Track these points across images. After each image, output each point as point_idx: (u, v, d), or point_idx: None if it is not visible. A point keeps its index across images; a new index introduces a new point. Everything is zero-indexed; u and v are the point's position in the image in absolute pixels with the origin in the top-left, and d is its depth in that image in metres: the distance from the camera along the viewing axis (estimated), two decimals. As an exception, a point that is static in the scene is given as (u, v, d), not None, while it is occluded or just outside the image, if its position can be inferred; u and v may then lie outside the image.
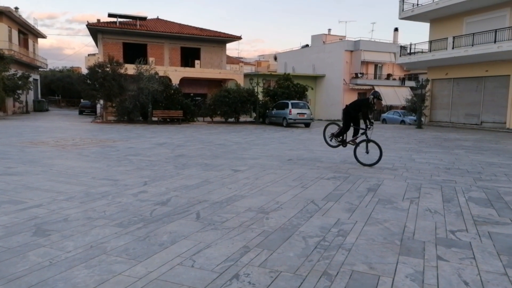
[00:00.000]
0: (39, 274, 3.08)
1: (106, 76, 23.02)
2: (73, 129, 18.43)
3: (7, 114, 29.96)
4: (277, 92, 27.30)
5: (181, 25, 32.62)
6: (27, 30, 37.34)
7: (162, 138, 14.61)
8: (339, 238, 4.04)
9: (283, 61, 46.06)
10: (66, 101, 53.20)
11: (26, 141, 12.62)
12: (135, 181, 6.70)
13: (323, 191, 6.23)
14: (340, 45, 39.10)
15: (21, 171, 7.40)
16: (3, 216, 4.55)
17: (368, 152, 8.67)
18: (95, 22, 28.58)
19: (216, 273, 3.18)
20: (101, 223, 4.38)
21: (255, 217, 4.77)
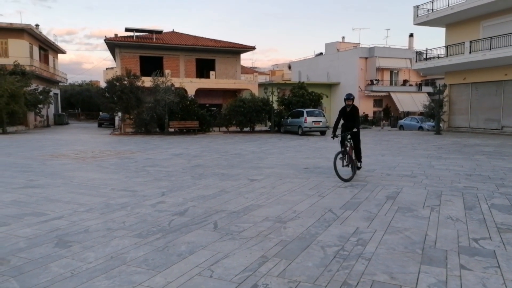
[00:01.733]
0: (61, 285, 3.13)
1: (124, 89, 23.47)
2: (92, 142, 18.80)
3: (28, 128, 30.81)
4: (292, 101, 27.31)
5: (196, 37, 33.11)
6: (47, 46, 38.50)
7: (179, 149, 14.76)
8: (359, 247, 3.99)
9: (297, 69, 46.13)
10: (86, 114, 54.42)
11: (47, 154, 12.94)
12: (153, 192, 6.77)
13: (341, 199, 6.17)
14: (355, 52, 38.96)
15: (42, 183, 7.58)
16: (26, 228, 4.66)
17: (348, 165, 7.99)
18: (113, 37, 29.28)
19: (234, 283, 3.17)
20: (120, 234, 4.44)
21: (272, 226, 4.76)
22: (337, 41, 42.96)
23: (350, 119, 8.27)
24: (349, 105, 8.19)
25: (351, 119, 8.26)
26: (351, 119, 8.26)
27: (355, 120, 8.18)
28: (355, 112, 8.26)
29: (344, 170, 7.91)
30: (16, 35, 30.91)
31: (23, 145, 16.20)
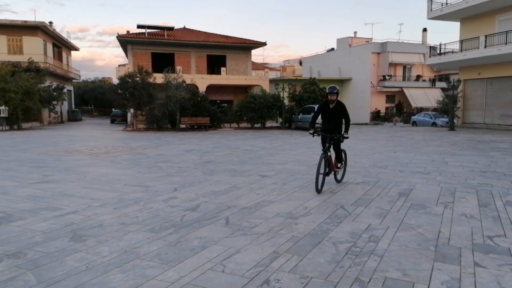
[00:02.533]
0: (77, 279, 3.19)
1: (136, 85, 23.68)
2: (105, 138, 19.03)
3: (43, 124, 31.32)
4: (303, 97, 27.19)
5: (207, 34, 33.16)
6: (61, 43, 39.02)
7: (190, 145, 14.85)
8: (371, 244, 3.97)
9: (308, 65, 45.87)
10: (99, 111, 55.10)
11: (61, 150, 13.15)
12: (165, 188, 6.83)
13: (352, 196, 6.14)
14: (367, 48, 38.55)
15: (57, 178, 7.71)
16: (42, 222, 4.76)
17: (327, 174, 6.54)
18: (125, 34, 29.50)
19: (246, 278, 3.19)
20: (134, 229, 4.49)
21: (283, 222, 4.76)
22: (349, 36, 42.56)
23: (333, 120, 6.56)
24: (333, 101, 6.48)
25: (334, 120, 6.56)
26: (334, 120, 6.56)
27: (340, 121, 6.57)
28: (342, 111, 6.51)
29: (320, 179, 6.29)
30: (30, 32, 31.40)
31: (38, 141, 16.49)
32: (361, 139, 17.46)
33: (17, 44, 31.29)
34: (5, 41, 30.89)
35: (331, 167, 6.61)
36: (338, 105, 6.55)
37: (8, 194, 6.30)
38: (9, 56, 29.55)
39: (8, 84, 23.28)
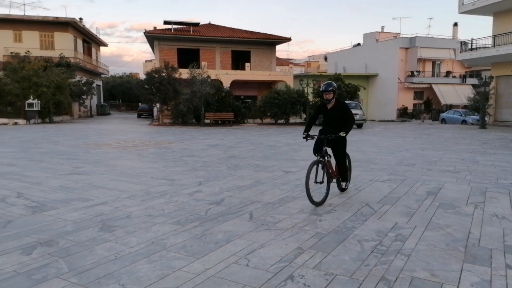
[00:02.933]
0: (106, 267, 3.29)
1: (162, 81, 24.06)
2: (132, 132, 19.47)
3: (73, 117, 32.35)
4: (328, 93, 26.83)
5: (232, 29, 33.25)
6: (90, 39, 40.08)
7: (215, 140, 14.98)
8: (397, 243, 3.90)
9: (333, 61, 45.27)
10: (126, 105, 56.38)
11: (91, 143, 13.55)
12: (190, 181, 6.93)
13: (378, 194, 6.04)
14: (395, 43, 37.63)
15: (87, 170, 7.96)
16: (73, 212, 4.93)
17: (322, 182, 5.34)
18: (152, 30, 29.99)
19: (270, 273, 3.21)
20: (160, 221, 4.59)
21: (307, 218, 4.75)
22: (376, 31, 41.65)
23: (334, 123, 5.62)
24: (329, 100, 5.51)
25: (335, 123, 5.61)
26: (335, 123, 5.61)
27: (343, 124, 5.55)
28: (343, 112, 5.56)
29: (316, 188, 5.38)
30: (61, 28, 32.41)
31: (69, 134, 17.05)
32: (387, 136, 17.14)
33: (49, 40, 32.37)
34: (38, 37, 32.01)
35: (332, 173, 5.66)
36: (337, 105, 5.61)
37: (41, 184, 6.56)
38: (41, 52, 30.60)
39: (40, 79, 24.14)
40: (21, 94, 23.71)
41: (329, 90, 5.50)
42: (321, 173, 5.37)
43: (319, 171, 5.33)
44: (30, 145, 12.47)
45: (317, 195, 5.35)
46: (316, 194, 5.34)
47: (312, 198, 5.18)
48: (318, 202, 5.28)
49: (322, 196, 5.43)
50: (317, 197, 5.32)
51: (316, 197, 5.29)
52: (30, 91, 23.85)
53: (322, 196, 5.41)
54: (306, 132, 5.71)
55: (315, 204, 5.23)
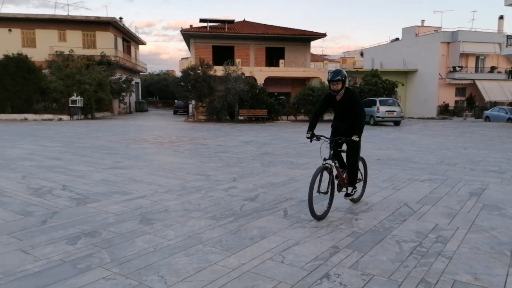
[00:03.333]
0: (146, 259, 3.41)
1: (197, 78, 24.47)
2: (169, 128, 19.96)
3: (113, 114, 33.59)
4: (364, 89, 26.30)
5: (266, 26, 33.21)
6: (130, 38, 41.38)
7: (248, 137, 15.07)
8: (438, 245, 3.76)
9: (370, 56, 44.17)
10: (163, 102, 57.85)
11: (130, 138, 14.03)
12: (225, 177, 7.02)
13: (418, 193, 5.85)
14: (435, 37, 36.15)
15: (127, 165, 8.25)
16: (114, 205, 5.13)
17: (326, 192, 4.64)
18: (188, 28, 30.52)
19: (306, 270, 3.19)
20: (196, 215, 4.68)
21: (343, 217, 4.68)
22: (416, 25, 40.21)
23: (345, 116, 4.89)
24: (336, 91, 4.70)
25: (346, 116, 4.87)
26: (346, 116, 4.87)
27: (352, 115, 4.77)
28: (354, 102, 4.74)
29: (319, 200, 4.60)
30: (102, 28, 33.64)
31: (109, 130, 17.73)
32: (427, 134, 16.54)
33: (91, 39, 33.71)
34: (81, 36, 33.41)
35: (341, 181, 4.99)
36: (347, 96, 4.77)
37: (84, 178, 6.87)
38: (84, 50, 31.94)
39: (83, 77, 25.23)
40: (65, 91, 24.90)
41: (337, 80, 4.64)
42: (326, 182, 4.61)
43: (324, 179, 4.57)
44: (74, 140, 13.09)
45: (321, 207, 4.62)
46: (320, 206, 4.60)
47: (314, 211, 4.42)
48: (320, 216, 4.52)
49: (325, 208, 4.66)
50: (320, 210, 4.58)
51: (319, 210, 4.56)
52: (73, 88, 25.00)
53: (324, 209, 4.65)
54: (311, 131, 4.82)
55: (316, 218, 4.49)
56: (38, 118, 25.23)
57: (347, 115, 4.86)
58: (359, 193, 5.40)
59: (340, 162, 5.01)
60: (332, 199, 4.76)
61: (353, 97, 4.78)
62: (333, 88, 4.70)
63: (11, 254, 3.46)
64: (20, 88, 24.44)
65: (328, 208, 4.69)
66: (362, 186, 5.48)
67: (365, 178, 5.53)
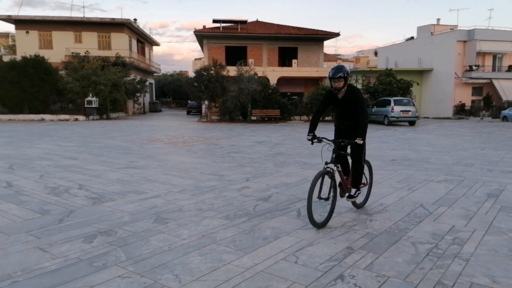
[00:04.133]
0: (160, 257, 3.44)
1: (210, 78, 24.59)
2: (182, 128, 20.10)
3: (128, 114, 34.00)
4: (378, 89, 26.05)
5: (279, 26, 33.17)
6: (144, 39, 41.81)
7: (261, 137, 15.07)
8: (455, 247, 3.70)
9: (384, 56, 43.68)
10: (176, 102, 58.32)
11: (144, 138, 14.18)
12: (238, 177, 7.03)
13: (434, 194, 5.76)
14: (451, 36, 35.54)
15: (141, 165, 8.34)
16: (129, 204, 5.19)
17: (327, 198, 4.35)
18: (201, 29, 30.70)
19: (320, 271, 3.18)
20: (210, 215, 4.71)
21: (357, 218, 4.64)
22: (431, 24, 39.58)
23: (347, 115, 4.62)
24: (338, 89, 4.41)
25: (348, 115, 4.60)
26: (348, 115, 4.60)
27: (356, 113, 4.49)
28: (356, 100, 4.46)
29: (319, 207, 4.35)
30: (117, 29, 34.08)
31: (124, 130, 17.95)
32: (443, 134, 16.28)
33: (106, 40, 34.18)
34: (96, 38, 33.91)
35: (344, 186, 4.68)
36: (350, 93, 4.48)
37: (100, 177, 6.97)
38: (99, 51, 32.41)
39: (98, 77, 25.61)
40: (81, 92, 25.32)
41: (339, 77, 4.34)
42: (328, 187, 4.33)
43: (325, 184, 4.29)
44: (90, 140, 13.30)
45: (322, 214, 4.34)
46: (320, 213, 4.33)
47: (313, 218, 4.13)
48: (320, 224, 4.22)
49: (326, 215, 4.36)
50: (320, 217, 4.30)
51: (319, 217, 4.27)
52: (89, 89, 25.39)
53: (325, 215, 4.35)
54: (312, 132, 4.55)
55: (316, 225, 4.19)
56: (55, 119, 25.70)
57: (350, 113, 4.59)
58: (363, 198, 5.07)
59: (343, 166, 4.75)
60: (334, 206, 4.44)
61: (355, 94, 4.48)
62: (335, 85, 4.41)
63: (29, 252, 3.53)
64: (37, 89, 24.95)
65: (329, 215, 4.38)
66: (366, 191, 5.15)
67: (370, 182, 5.19)
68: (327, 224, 4.33)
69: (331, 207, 4.43)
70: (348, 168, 4.76)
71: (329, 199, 4.37)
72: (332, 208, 4.43)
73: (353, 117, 4.53)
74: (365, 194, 5.12)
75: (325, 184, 4.27)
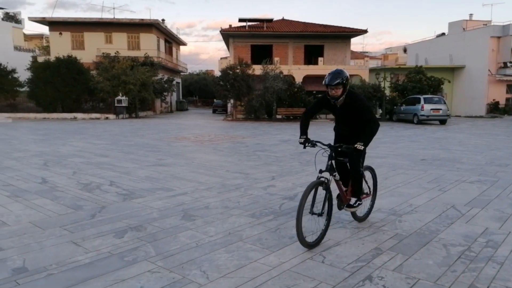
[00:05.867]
0: (188, 254, 3.50)
1: (236, 77, 24.72)
2: (208, 126, 20.33)
3: (155, 113, 34.68)
4: (407, 87, 25.42)
5: (305, 24, 32.91)
6: (171, 39, 42.50)
7: (286, 135, 15.02)
8: (488, 250, 3.57)
9: (413, 53, 42.53)
10: (202, 101, 58.98)
11: (171, 136, 14.44)
12: (263, 176, 7.05)
13: (466, 195, 5.58)
14: (485, 31, 34.17)
15: (169, 162, 8.50)
16: (158, 201, 5.30)
17: (321, 214, 3.76)
18: (227, 28, 30.89)
19: (347, 271, 3.15)
20: (236, 213, 4.74)
21: (386, 218, 4.56)
22: (463, 20, 38.20)
23: (347, 121, 4.08)
24: (336, 98, 3.83)
25: (348, 122, 4.06)
26: (348, 122, 4.06)
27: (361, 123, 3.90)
28: (359, 109, 3.87)
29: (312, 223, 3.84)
30: (146, 29, 34.79)
31: (152, 128, 18.34)
32: (475, 134, 15.71)
33: (135, 41, 34.97)
34: (126, 38, 34.75)
35: (343, 197, 4.12)
36: (349, 100, 3.88)
37: (130, 174, 7.16)
38: (128, 52, 33.19)
39: (128, 77, 26.25)
40: (112, 91, 26.03)
41: (336, 84, 3.71)
42: (322, 199, 3.79)
43: (319, 197, 3.76)
44: (120, 138, 13.67)
45: (313, 232, 3.79)
46: (312, 230, 3.80)
47: (303, 236, 3.55)
48: (311, 243, 3.63)
49: (319, 232, 3.79)
50: (312, 235, 3.74)
51: (311, 235, 3.73)
52: (119, 88, 26.08)
53: (318, 233, 3.78)
54: (304, 135, 4.01)
55: (307, 245, 3.60)
56: (87, 117, 26.56)
57: (348, 120, 4.05)
58: (365, 210, 4.48)
59: (343, 176, 4.15)
60: (329, 222, 3.88)
61: (356, 102, 3.86)
62: (332, 94, 3.79)
63: (64, 246, 3.67)
64: (70, 88, 25.85)
65: (323, 233, 3.81)
66: (370, 201, 4.56)
67: (374, 192, 4.58)
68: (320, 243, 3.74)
69: (325, 224, 3.85)
70: (348, 177, 4.16)
71: (323, 215, 3.77)
72: (327, 225, 3.87)
73: (353, 123, 4.00)
74: (368, 205, 4.52)
75: (319, 196, 3.75)
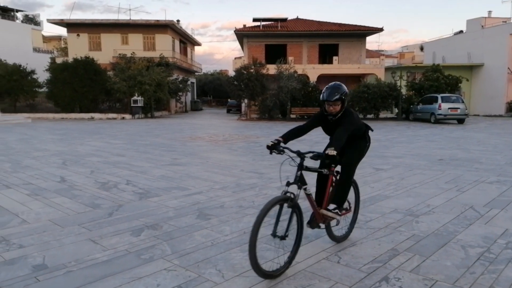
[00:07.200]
0: (204, 252, 3.53)
1: (250, 77, 24.75)
2: (222, 126, 20.41)
3: (170, 113, 35.00)
4: (424, 85, 25.00)
5: (320, 23, 32.71)
6: (186, 40, 42.81)
7: (301, 135, 14.94)
8: (508, 251, 3.49)
9: (430, 51, 41.80)
10: (216, 101, 59.26)
11: (186, 136, 14.55)
12: (277, 175, 7.03)
13: (485, 196, 5.46)
14: (504, 29, 33.34)
15: (184, 162, 8.57)
16: (173, 200, 5.36)
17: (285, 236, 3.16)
18: (241, 28, 30.97)
19: (363, 272, 3.12)
20: (251, 212, 4.75)
21: (402, 219, 4.50)
22: (482, 17, 37.36)
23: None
24: (334, 114, 3.54)
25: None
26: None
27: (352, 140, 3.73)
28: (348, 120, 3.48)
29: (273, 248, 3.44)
30: (161, 30, 35.13)
31: (167, 128, 18.52)
32: (494, 133, 15.36)
33: (150, 42, 35.36)
34: (141, 39, 35.16)
35: (317, 215, 3.49)
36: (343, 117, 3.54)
37: (146, 173, 7.25)
38: (144, 52, 33.58)
39: (143, 77, 26.57)
40: (128, 92, 26.39)
41: (335, 100, 3.37)
42: (288, 220, 3.16)
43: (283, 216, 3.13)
44: (136, 138, 13.84)
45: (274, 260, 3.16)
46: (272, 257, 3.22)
47: (258, 264, 2.84)
48: (270, 273, 2.94)
49: (283, 262, 3.09)
50: (272, 264, 3.08)
51: (270, 263, 3.08)
52: (135, 89, 26.41)
53: (281, 262, 3.08)
54: (281, 139, 3.63)
55: (264, 275, 2.90)
56: (104, 117, 26.98)
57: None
58: (345, 229, 3.85)
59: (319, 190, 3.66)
60: (298, 247, 3.17)
61: (347, 117, 3.49)
62: (330, 110, 3.45)
63: (82, 244, 3.75)
64: (87, 89, 26.32)
65: (288, 261, 3.11)
66: (350, 219, 3.94)
67: (355, 208, 3.96)
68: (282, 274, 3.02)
69: (292, 249, 3.15)
70: (324, 194, 3.60)
71: (286, 238, 3.05)
72: (294, 250, 3.15)
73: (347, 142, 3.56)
74: (348, 224, 3.91)
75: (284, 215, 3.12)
